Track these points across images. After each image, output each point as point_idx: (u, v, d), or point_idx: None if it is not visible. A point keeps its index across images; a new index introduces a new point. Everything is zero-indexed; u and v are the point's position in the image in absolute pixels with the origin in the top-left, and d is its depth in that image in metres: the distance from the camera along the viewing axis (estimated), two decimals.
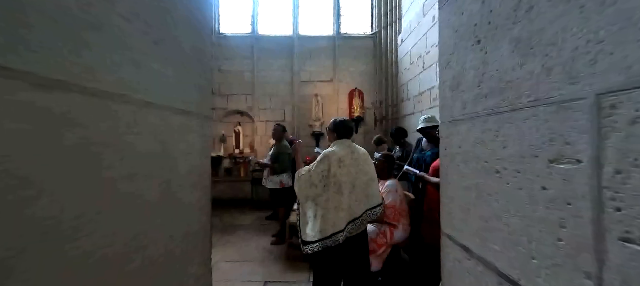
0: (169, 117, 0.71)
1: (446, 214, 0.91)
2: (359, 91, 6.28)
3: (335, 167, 1.79)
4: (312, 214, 1.80)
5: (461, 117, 0.80)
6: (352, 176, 1.84)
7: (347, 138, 1.97)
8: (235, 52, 6.31)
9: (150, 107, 0.64)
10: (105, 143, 0.51)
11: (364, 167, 1.93)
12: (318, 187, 1.80)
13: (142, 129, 0.61)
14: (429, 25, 4.16)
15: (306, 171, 1.86)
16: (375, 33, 6.34)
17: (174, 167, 0.73)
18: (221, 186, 5.94)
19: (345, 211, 1.79)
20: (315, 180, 1.80)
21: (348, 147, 1.91)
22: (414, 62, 4.86)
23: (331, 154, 1.83)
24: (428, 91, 4.20)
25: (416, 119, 4.73)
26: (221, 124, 6.30)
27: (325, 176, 1.79)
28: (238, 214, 4.87)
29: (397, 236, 2.25)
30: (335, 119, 2.02)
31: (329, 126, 2.04)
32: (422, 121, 2.72)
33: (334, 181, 1.78)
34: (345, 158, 1.84)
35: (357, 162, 1.89)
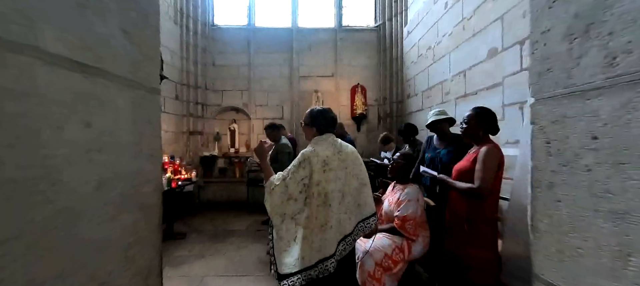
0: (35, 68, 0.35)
1: (547, 249, 0.55)
2: (362, 87, 5.93)
3: (318, 172, 1.38)
4: (291, 238, 1.38)
5: (600, 83, 0.45)
6: (341, 182, 1.45)
7: (329, 133, 1.54)
8: (231, 46, 5.94)
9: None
10: None
11: (355, 169, 1.53)
12: (298, 201, 1.38)
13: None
14: (441, 13, 3.82)
15: (280, 179, 1.41)
16: (379, 25, 5.99)
17: (59, 176, 0.38)
18: (215, 188, 5.58)
19: (334, 229, 1.40)
20: (294, 191, 1.38)
21: (332, 145, 1.50)
22: (422, 55, 4.51)
23: (312, 155, 1.40)
24: (439, 84, 3.85)
25: (424, 116, 4.38)
26: (215, 121, 5.94)
27: (307, 184, 1.38)
28: (232, 218, 4.51)
29: (416, 251, 1.90)
30: (313, 109, 1.57)
31: (304, 119, 1.58)
32: (433, 115, 2.37)
33: (318, 190, 1.37)
34: (330, 160, 1.43)
35: (345, 163, 1.48)
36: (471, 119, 1.79)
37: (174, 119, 5.16)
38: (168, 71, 4.84)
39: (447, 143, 2.25)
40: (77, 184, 0.39)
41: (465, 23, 3.21)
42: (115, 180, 0.45)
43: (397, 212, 1.92)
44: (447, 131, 2.31)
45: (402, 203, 1.93)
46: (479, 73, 2.95)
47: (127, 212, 0.48)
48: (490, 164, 1.62)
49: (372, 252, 1.81)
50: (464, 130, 1.82)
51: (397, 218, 1.88)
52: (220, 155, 5.74)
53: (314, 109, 1.59)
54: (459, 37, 3.33)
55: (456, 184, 1.76)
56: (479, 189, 1.60)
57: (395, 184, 2.14)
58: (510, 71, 2.50)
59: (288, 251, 1.36)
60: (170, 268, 2.72)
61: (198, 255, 3.00)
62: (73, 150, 0.39)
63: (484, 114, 1.76)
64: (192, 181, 3.77)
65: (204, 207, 5.20)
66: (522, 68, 2.35)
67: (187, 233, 3.69)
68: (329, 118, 1.56)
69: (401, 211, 1.91)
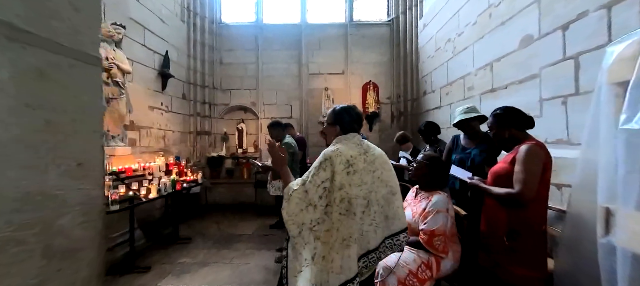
0: None
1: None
2: (374, 84, 5.65)
3: (342, 174, 1.19)
4: (309, 255, 1.17)
5: None
6: (367, 188, 1.24)
7: (355, 132, 1.36)
8: (238, 43, 5.79)
9: None
10: None
11: (383, 174, 1.32)
12: (317, 208, 1.19)
13: None
14: (462, 2, 3.51)
15: (298, 184, 1.23)
16: (392, 19, 5.70)
17: None
18: (222, 189, 5.44)
19: (357, 243, 1.19)
20: (313, 197, 1.19)
21: (358, 145, 1.32)
22: (440, 48, 4.21)
23: (334, 154, 1.22)
24: (461, 79, 3.54)
25: (442, 114, 4.09)
26: (223, 121, 5.80)
27: (328, 189, 1.19)
28: (239, 221, 4.34)
29: (445, 267, 1.64)
30: (336, 107, 1.41)
31: (327, 118, 1.42)
32: (461, 112, 2.10)
33: (340, 195, 1.18)
34: (355, 161, 1.23)
35: (372, 166, 1.29)
36: (492, 127, 1.61)
37: (180, 119, 5.05)
38: (175, 70, 4.73)
39: (479, 142, 1.98)
40: None
41: (493, 10, 2.90)
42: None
43: (423, 225, 1.66)
44: (478, 129, 2.04)
45: (429, 215, 1.67)
46: (509, 65, 2.65)
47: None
48: (532, 165, 1.36)
49: (395, 269, 1.57)
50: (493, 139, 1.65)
51: (423, 233, 1.62)
52: (228, 156, 5.59)
53: (338, 107, 1.39)
54: (485, 26, 3.02)
55: (492, 190, 1.50)
56: (519, 195, 1.35)
57: (418, 191, 1.88)
58: (549, 60, 2.19)
59: (302, 274, 1.14)
60: (172, 277, 2.55)
61: (202, 263, 2.82)
62: None
63: (503, 115, 1.56)
64: (198, 183, 3.62)
65: (211, 209, 5.06)
66: (566, 56, 2.04)
67: (192, 238, 3.53)
68: (353, 115, 1.36)
69: (428, 224, 1.65)
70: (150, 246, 3.17)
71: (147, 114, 4.16)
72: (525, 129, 1.53)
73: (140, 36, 4.03)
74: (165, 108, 4.60)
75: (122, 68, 2.90)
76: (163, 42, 4.53)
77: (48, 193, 0.31)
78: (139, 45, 4.01)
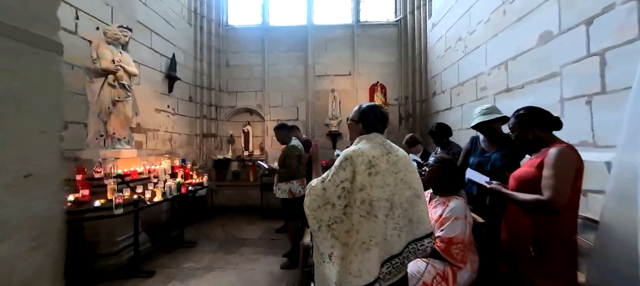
0: None
1: None
2: (381, 86, 5.55)
3: (363, 175, 1.15)
4: (326, 251, 1.17)
5: None
6: (390, 190, 1.19)
7: (379, 133, 1.33)
8: (244, 45, 5.78)
9: None
10: None
11: (407, 176, 1.27)
12: (336, 206, 1.17)
13: None
14: None
15: (318, 181, 1.26)
16: (400, 19, 5.60)
17: None
18: (229, 192, 5.40)
19: (379, 247, 1.13)
20: (332, 196, 1.18)
21: (381, 145, 1.27)
22: (450, 48, 4.08)
23: (356, 154, 1.18)
24: (473, 79, 3.41)
25: (453, 115, 3.96)
26: (229, 123, 5.79)
27: (347, 189, 1.16)
28: (245, 224, 4.28)
29: (462, 279, 1.53)
30: (362, 105, 1.38)
31: (351, 116, 1.39)
32: (480, 114, 1.98)
33: (361, 197, 1.13)
34: (378, 161, 1.19)
35: (395, 167, 1.24)
36: (515, 128, 1.49)
37: (187, 121, 5.05)
38: (181, 72, 4.74)
39: (500, 145, 1.86)
40: None
41: (507, 7, 2.78)
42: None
43: (440, 232, 1.56)
44: (500, 132, 1.92)
45: (446, 222, 1.57)
46: (526, 63, 2.52)
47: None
48: (564, 169, 1.25)
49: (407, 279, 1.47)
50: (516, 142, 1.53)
51: (440, 240, 1.52)
52: (234, 158, 5.57)
53: (363, 105, 1.37)
54: (499, 23, 2.90)
55: (518, 196, 1.39)
56: (551, 202, 1.24)
57: (432, 196, 1.78)
58: (571, 57, 2.06)
59: (321, 269, 1.17)
60: (176, 281, 2.50)
61: (207, 267, 2.77)
62: None
63: (527, 115, 1.45)
64: (204, 186, 3.58)
65: (217, 211, 5.03)
66: (590, 53, 1.91)
67: (197, 241, 3.49)
68: (379, 114, 1.33)
69: (446, 231, 1.55)
70: (155, 249, 3.14)
71: (154, 116, 4.16)
72: (551, 131, 1.42)
73: (147, 39, 4.05)
74: (172, 111, 4.61)
75: (128, 71, 2.90)
76: (170, 44, 4.54)
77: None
78: (146, 48, 4.02)
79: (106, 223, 2.46)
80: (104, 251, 2.55)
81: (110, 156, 2.71)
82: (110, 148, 2.79)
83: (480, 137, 2.07)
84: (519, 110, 1.49)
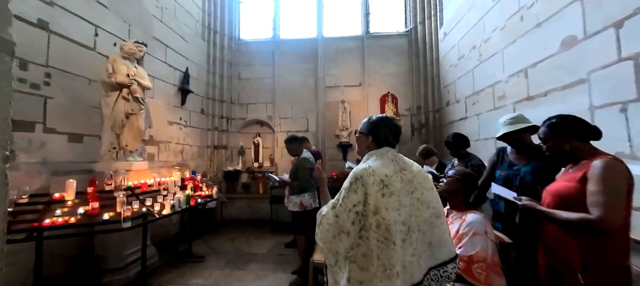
0: None
1: None
2: (393, 96, 5.47)
3: (376, 196, 1.04)
4: (345, 278, 1.05)
5: None
6: (406, 212, 1.08)
7: (391, 147, 1.22)
8: (256, 58, 5.88)
9: None
10: None
11: (424, 195, 1.15)
12: (350, 235, 1.05)
13: None
14: (488, 6, 3.30)
15: (329, 207, 1.12)
16: (410, 30, 5.56)
17: None
18: (239, 204, 5.36)
19: (399, 277, 1.00)
20: (345, 223, 1.05)
21: (393, 161, 1.16)
22: (464, 56, 3.97)
23: (367, 174, 1.07)
24: (490, 88, 3.28)
25: (469, 125, 3.79)
26: (240, 135, 5.82)
27: (361, 213, 1.05)
28: (254, 238, 4.19)
29: None
30: (372, 116, 1.28)
31: (360, 128, 1.29)
32: (505, 124, 1.85)
33: (376, 221, 1.02)
34: (391, 180, 1.08)
35: (411, 186, 1.13)
36: (547, 138, 1.36)
37: (198, 133, 5.11)
38: (194, 85, 4.84)
39: (530, 158, 1.71)
40: None
41: (524, 13, 2.67)
42: None
43: (459, 250, 1.42)
44: (530, 143, 1.77)
45: (464, 238, 1.44)
46: (548, 69, 2.38)
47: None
48: (615, 184, 1.11)
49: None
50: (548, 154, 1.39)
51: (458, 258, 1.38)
52: (244, 170, 5.56)
53: (373, 117, 1.27)
54: (516, 30, 2.79)
55: (559, 215, 1.23)
56: (602, 222, 1.08)
57: (449, 211, 1.65)
58: (599, 63, 1.92)
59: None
60: None
61: (214, 285, 2.68)
62: None
63: (562, 124, 1.31)
64: (213, 198, 3.55)
65: (226, 224, 4.98)
66: (622, 57, 1.77)
67: (205, 255, 3.42)
68: (392, 127, 1.22)
69: (464, 248, 1.41)
70: (163, 264, 3.09)
71: (166, 128, 4.23)
72: (588, 141, 1.28)
73: (162, 54, 4.17)
74: (184, 123, 4.68)
75: (142, 84, 2.96)
76: (183, 59, 4.67)
77: None
78: (161, 62, 4.14)
79: (115, 237, 2.44)
80: (112, 266, 2.52)
81: (122, 169, 2.73)
82: (123, 160, 2.82)
83: (508, 148, 1.93)
84: (551, 118, 1.36)
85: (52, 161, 2.55)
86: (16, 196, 2.10)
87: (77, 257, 2.66)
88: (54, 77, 2.59)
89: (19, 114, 2.32)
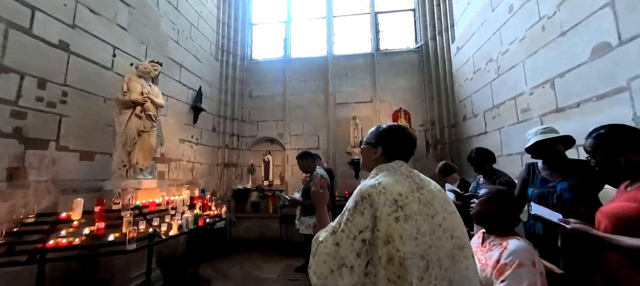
0: None
1: None
2: (405, 112, 5.34)
3: (387, 221, 0.85)
4: None
5: None
6: (425, 241, 0.85)
7: (403, 160, 1.04)
8: (267, 77, 5.95)
9: None
10: None
11: (446, 220, 0.92)
12: (355, 270, 0.84)
13: None
14: (503, 18, 3.22)
15: (328, 232, 0.92)
16: (421, 46, 5.52)
17: None
18: (247, 224, 5.20)
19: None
20: (348, 254, 0.85)
21: (408, 177, 0.98)
22: (480, 69, 3.85)
23: (376, 192, 0.89)
24: (511, 100, 3.11)
25: (490, 140, 3.57)
26: (250, 153, 5.77)
27: (368, 241, 0.85)
28: (263, 261, 3.99)
29: None
30: (381, 125, 1.10)
31: (367, 138, 1.12)
32: (538, 133, 1.69)
33: (388, 254, 0.82)
34: (407, 200, 0.88)
35: (430, 209, 0.91)
36: (596, 152, 1.20)
37: (209, 151, 5.09)
38: (206, 104, 4.88)
39: (565, 173, 1.53)
40: None
41: (546, 22, 2.56)
42: None
43: (502, 283, 1.22)
44: (564, 155, 1.60)
45: (507, 269, 1.23)
46: (578, 79, 2.22)
47: None
48: None
49: None
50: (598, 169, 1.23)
51: None
52: (254, 188, 5.44)
53: (382, 126, 1.08)
54: (537, 40, 2.67)
55: (624, 241, 1.04)
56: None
57: (486, 235, 1.45)
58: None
59: None
60: None
61: None
62: None
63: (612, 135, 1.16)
64: (222, 218, 3.43)
65: (235, 245, 4.79)
66: None
67: (212, 280, 3.25)
68: (404, 137, 1.03)
69: (508, 283, 1.20)
70: None
71: (178, 146, 4.22)
72: None
73: (176, 74, 4.26)
74: (196, 141, 4.67)
75: (155, 102, 2.97)
76: (197, 78, 4.75)
77: None
78: (175, 81, 4.21)
79: (120, 259, 2.33)
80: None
81: (131, 187, 2.67)
82: (132, 178, 2.77)
83: (539, 164, 1.75)
84: (598, 129, 1.20)
85: (62, 179, 2.53)
86: (23, 215, 2.05)
87: (79, 280, 2.54)
88: (70, 96, 2.63)
89: (33, 131, 2.33)
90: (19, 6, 2.29)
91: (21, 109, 2.26)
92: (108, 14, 3.10)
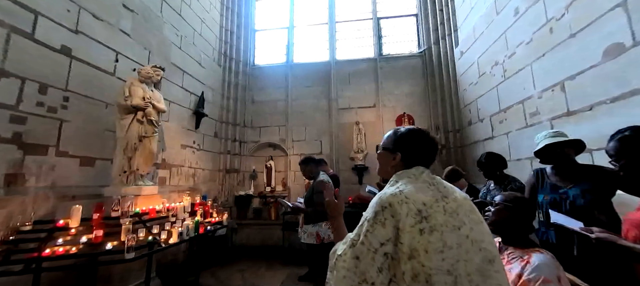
0: None
1: None
2: (409, 116, 5.28)
3: (411, 233, 0.78)
4: None
5: None
6: (453, 255, 0.78)
7: (424, 167, 0.97)
8: (269, 82, 5.94)
9: None
10: None
11: (474, 231, 0.84)
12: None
13: None
14: (509, 22, 3.19)
15: (346, 245, 0.86)
16: (424, 51, 5.49)
17: None
18: (249, 230, 5.11)
19: None
20: (369, 269, 0.79)
21: (432, 185, 0.91)
22: (485, 73, 3.80)
23: (398, 201, 0.83)
24: (519, 104, 3.05)
25: (497, 145, 3.49)
26: (252, 159, 5.72)
27: (391, 255, 0.79)
28: (265, 269, 3.89)
29: None
30: (399, 129, 1.04)
31: (384, 143, 1.06)
32: (548, 136, 1.63)
33: (412, 270, 0.76)
34: (431, 211, 0.82)
35: (457, 220, 0.83)
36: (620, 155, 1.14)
37: (211, 157, 5.05)
38: (209, 109, 4.86)
39: (575, 179, 1.46)
40: None
41: (554, 24, 2.52)
42: None
43: None
44: (574, 160, 1.54)
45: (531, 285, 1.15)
46: (590, 81, 2.16)
47: None
48: None
49: None
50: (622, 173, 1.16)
51: None
52: (256, 194, 5.37)
53: (400, 129, 1.02)
54: (545, 42, 2.62)
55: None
56: None
57: (504, 246, 1.37)
58: None
59: None
60: None
61: None
62: None
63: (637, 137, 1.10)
64: (223, 225, 3.36)
65: (236, 252, 4.70)
66: None
67: None
68: (425, 142, 0.97)
69: None
70: None
71: (179, 152, 4.18)
72: None
73: (179, 79, 4.25)
74: (197, 146, 4.64)
75: (157, 107, 2.94)
76: (199, 83, 4.74)
77: None
78: (177, 86, 4.20)
79: (118, 267, 2.26)
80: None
81: (131, 193, 2.62)
82: (132, 185, 2.72)
83: (547, 169, 1.68)
84: (623, 131, 1.14)
85: (61, 185, 2.48)
86: (20, 222, 2.00)
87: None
88: (71, 101, 2.60)
89: (32, 137, 2.29)
90: (23, 11, 2.29)
91: (21, 114, 2.23)
92: (111, 19, 3.10)
